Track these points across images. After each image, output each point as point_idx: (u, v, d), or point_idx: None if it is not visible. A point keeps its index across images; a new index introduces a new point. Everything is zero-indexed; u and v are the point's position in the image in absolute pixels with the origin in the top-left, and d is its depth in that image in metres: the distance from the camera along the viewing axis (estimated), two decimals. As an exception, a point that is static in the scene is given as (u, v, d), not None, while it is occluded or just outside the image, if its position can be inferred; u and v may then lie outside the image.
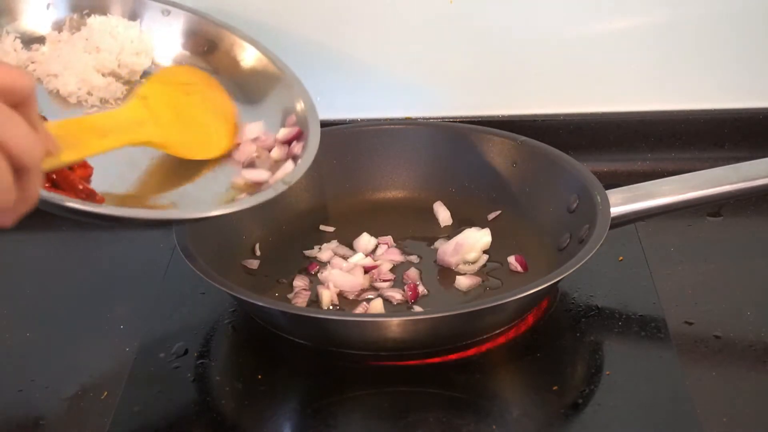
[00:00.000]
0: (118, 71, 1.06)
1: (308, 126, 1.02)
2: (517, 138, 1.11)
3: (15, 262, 1.12)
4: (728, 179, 1.02)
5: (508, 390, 0.94)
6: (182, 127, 0.99)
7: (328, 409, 0.89)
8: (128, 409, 0.89)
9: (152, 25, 1.09)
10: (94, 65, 1.05)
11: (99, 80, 1.04)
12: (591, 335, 0.96)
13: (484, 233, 1.06)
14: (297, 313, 0.94)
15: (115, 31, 1.07)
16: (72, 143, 0.83)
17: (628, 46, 1.21)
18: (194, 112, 1.02)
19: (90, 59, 1.05)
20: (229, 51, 1.09)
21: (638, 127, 1.24)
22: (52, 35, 1.06)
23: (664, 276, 1.03)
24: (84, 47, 1.05)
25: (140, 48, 1.08)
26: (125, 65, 1.06)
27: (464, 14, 1.19)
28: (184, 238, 0.96)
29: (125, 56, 1.07)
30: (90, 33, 1.06)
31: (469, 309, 0.92)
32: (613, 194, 1.01)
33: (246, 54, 1.09)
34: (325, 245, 1.08)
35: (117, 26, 1.07)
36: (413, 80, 1.23)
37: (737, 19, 1.19)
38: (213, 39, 1.10)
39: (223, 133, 1.02)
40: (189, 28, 1.10)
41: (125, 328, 0.99)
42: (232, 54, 1.09)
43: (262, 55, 1.08)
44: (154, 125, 0.95)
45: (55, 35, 1.06)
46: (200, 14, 1.10)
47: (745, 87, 1.23)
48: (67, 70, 1.03)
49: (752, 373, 0.93)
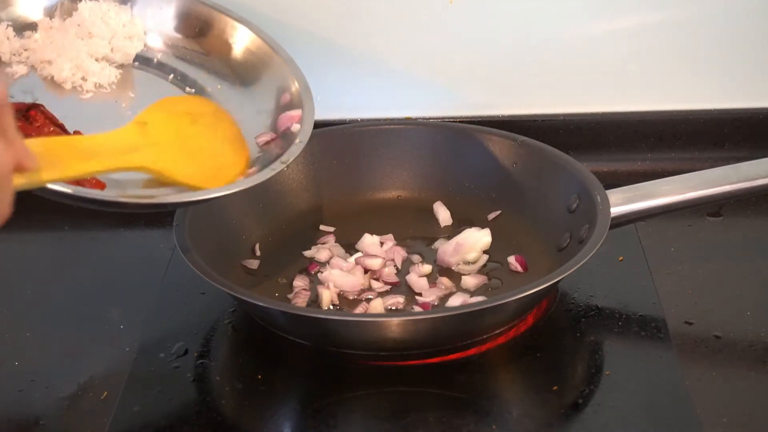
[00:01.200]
0: (111, 56, 1.06)
1: (303, 105, 1.02)
2: (517, 138, 1.11)
3: (15, 262, 1.12)
4: (728, 179, 1.02)
5: (508, 390, 0.94)
6: (186, 156, 0.96)
7: (328, 409, 0.89)
8: (128, 409, 0.89)
9: (144, 9, 1.09)
10: (87, 50, 1.05)
11: (93, 65, 1.04)
12: (591, 335, 0.96)
13: (484, 233, 1.06)
14: (297, 313, 0.94)
15: (107, 16, 1.07)
16: (53, 162, 0.79)
17: (628, 46, 1.21)
18: (201, 142, 0.99)
19: (83, 45, 1.05)
20: (221, 32, 1.09)
21: (638, 127, 1.24)
22: (44, 22, 1.06)
23: (664, 276, 1.03)
24: (76, 33, 1.06)
25: (132, 32, 1.08)
26: (118, 49, 1.07)
27: (464, 14, 1.19)
28: (184, 238, 0.96)
29: (118, 41, 1.07)
30: (82, 19, 1.06)
31: (469, 309, 0.92)
32: (613, 194, 1.01)
33: (238, 35, 1.09)
34: (321, 245, 1.08)
35: (108, 11, 1.07)
36: (413, 80, 1.23)
37: (737, 20, 1.19)
38: (205, 21, 1.10)
39: (233, 162, 0.99)
40: (181, 10, 1.10)
41: (125, 328, 0.99)
42: (225, 35, 1.09)
43: (254, 35, 1.08)
44: (152, 152, 0.92)
45: (47, 22, 1.06)
46: None
47: (745, 87, 1.23)
48: (61, 57, 1.03)
49: (752, 373, 0.93)
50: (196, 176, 0.94)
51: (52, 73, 1.03)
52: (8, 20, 1.05)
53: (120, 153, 0.88)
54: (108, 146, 0.88)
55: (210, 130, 1.00)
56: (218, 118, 1.03)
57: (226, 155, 0.99)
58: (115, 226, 1.15)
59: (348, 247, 1.08)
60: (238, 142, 1.01)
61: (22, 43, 1.04)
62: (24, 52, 1.04)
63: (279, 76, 1.06)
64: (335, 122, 1.20)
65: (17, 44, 1.04)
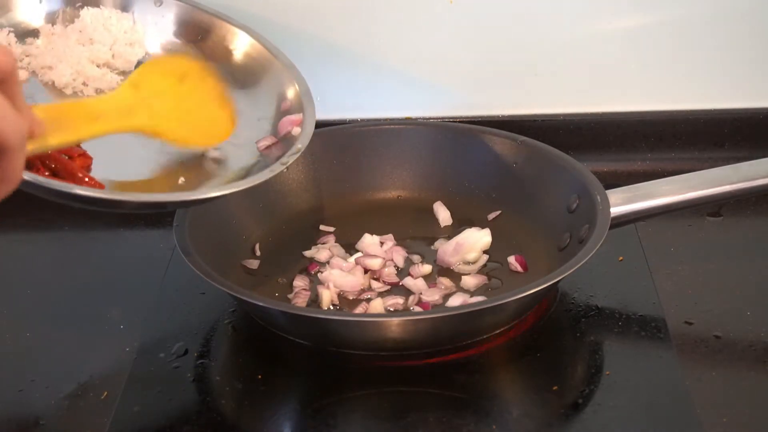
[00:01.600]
0: (113, 62, 1.06)
1: (304, 109, 1.02)
2: (517, 138, 1.11)
3: (15, 262, 1.12)
4: (728, 179, 1.02)
5: (508, 390, 0.94)
6: (178, 116, 0.97)
7: (328, 409, 0.89)
8: (128, 409, 0.89)
9: (144, 15, 1.10)
10: (89, 57, 1.05)
11: (94, 71, 1.04)
12: (591, 335, 0.96)
13: (484, 233, 1.06)
14: (297, 313, 0.94)
15: (108, 23, 1.07)
16: (59, 127, 0.81)
17: (628, 46, 1.21)
18: (190, 100, 1.00)
19: (84, 51, 1.05)
20: (222, 39, 1.10)
21: (638, 127, 1.24)
22: (46, 28, 1.07)
23: (664, 276, 1.03)
24: (78, 39, 1.06)
25: (134, 38, 1.08)
26: (119, 56, 1.07)
27: (464, 14, 1.19)
28: (184, 238, 0.96)
29: (119, 47, 1.07)
30: (83, 25, 1.07)
31: (469, 309, 0.92)
32: (613, 194, 1.01)
33: (239, 41, 1.09)
34: (321, 245, 1.08)
35: (110, 18, 1.08)
36: (413, 80, 1.23)
37: (737, 20, 1.19)
38: (206, 27, 1.10)
39: (222, 120, 1.02)
40: (181, 17, 1.10)
41: (125, 328, 0.99)
42: (226, 41, 1.09)
43: (255, 41, 1.09)
44: (146, 113, 0.94)
45: (49, 28, 1.07)
46: (193, 4, 1.11)
47: (745, 87, 1.23)
48: (62, 63, 1.03)
49: (752, 373, 0.93)
50: (189, 135, 0.97)
51: (53, 78, 1.03)
52: (9, 26, 1.05)
53: (119, 114, 0.91)
54: (107, 108, 0.91)
55: (197, 87, 1.02)
56: (202, 75, 1.04)
57: (215, 112, 1.02)
58: (115, 226, 1.15)
59: (348, 247, 1.08)
60: (223, 98, 1.04)
61: (23, 49, 1.05)
62: (25, 58, 1.04)
63: (280, 81, 1.06)
64: (335, 122, 1.20)
65: (19, 50, 1.04)
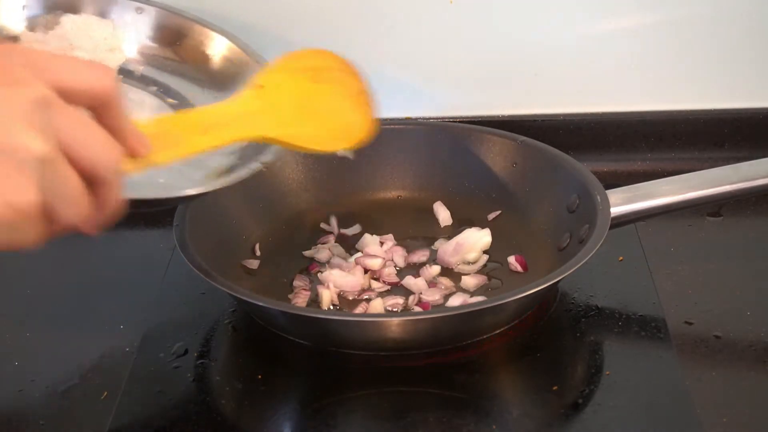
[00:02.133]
0: None
1: None
2: (517, 138, 1.11)
3: (15, 262, 1.12)
4: (728, 179, 1.02)
5: (508, 390, 0.94)
6: (307, 118, 0.91)
7: (328, 409, 0.89)
8: (128, 409, 0.89)
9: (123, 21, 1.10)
10: None
11: None
12: (591, 335, 0.96)
13: (484, 233, 1.06)
14: (297, 313, 0.94)
15: (89, 29, 1.07)
16: (168, 142, 0.75)
17: (628, 46, 1.21)
18: (323, 100, 0.93)
19: None
20: (200, 43, 1.10)
21: (638, 127, 1.24)
22: (27, 35, 1.07)
23: (664, 276, 1.03)
24: (58, 46, 1.06)
25: (114, 44, 1.08)
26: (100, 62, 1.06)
27: (464, 14, 1.19)
28: (184, 238, 0.96)
29: (99, 53, 1.07)
30: (64, 31, 1.07)
31: (469, 309, 0.92)
32: (613, 194, 1.01)
33: (217, 44, 1.09)
34: (321, 245, 1.08)
35: (90, 24, 1.08)
36: (413, 80, 1.23)
37: (737, 20, 1.19)
38: (184, 32, 1.10)
39: (360, 120, 0.95)
40: (160, 22, 1.11)
41: (125, 328, 0.99)
42: (204, 45, 1.10)
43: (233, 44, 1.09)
44: (269, 118, 0.87)
45: (30, 35, 1.07)
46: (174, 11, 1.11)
47: (745, 87, 1.23)
48: None
49: (752, 373, 0.93)
50: (318, 139, 0.90)
51: None
52: None
53: (236, 123, 0.84)
54: (224, 117, 0.84)
55: (333, 86, 0.95)
56: (343, 72, 0.97)
57: (351, 114, 0.95)
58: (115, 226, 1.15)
59: (348, 247, 1.08)
60: (364, 98, 0.96)
61: None
62: None
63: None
64: (335, 122, 1.20)
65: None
